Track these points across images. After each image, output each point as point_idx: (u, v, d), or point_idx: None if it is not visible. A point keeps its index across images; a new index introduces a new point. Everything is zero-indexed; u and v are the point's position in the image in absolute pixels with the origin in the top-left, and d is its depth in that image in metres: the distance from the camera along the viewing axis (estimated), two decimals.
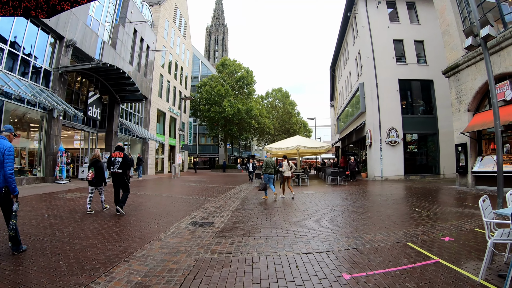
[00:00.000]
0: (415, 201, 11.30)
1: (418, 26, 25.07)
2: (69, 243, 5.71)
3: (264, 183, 12.45)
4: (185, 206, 10.65)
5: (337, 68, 43.09)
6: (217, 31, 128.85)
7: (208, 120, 47.02)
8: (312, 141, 26.65)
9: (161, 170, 36.22)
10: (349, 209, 9.73)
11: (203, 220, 8.12)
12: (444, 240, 6.01)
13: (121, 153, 8.90)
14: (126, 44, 26.44)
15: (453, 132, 23.08)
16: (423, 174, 23.39)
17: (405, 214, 8.71)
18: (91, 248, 5.42)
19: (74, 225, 7.19)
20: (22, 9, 2.90)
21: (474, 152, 15.37)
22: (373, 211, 9.55)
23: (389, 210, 9.60)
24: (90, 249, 5.37)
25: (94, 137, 23.45)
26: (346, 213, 9.05)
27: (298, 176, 19.78)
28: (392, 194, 13.68)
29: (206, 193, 14.88)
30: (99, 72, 20.69)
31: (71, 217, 8.02)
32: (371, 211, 9.58)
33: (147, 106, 31.66)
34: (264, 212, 9.48)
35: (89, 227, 7.04)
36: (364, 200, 12.25)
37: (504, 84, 13.11)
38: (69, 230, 6.64)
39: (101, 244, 5.71)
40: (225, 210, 9.69)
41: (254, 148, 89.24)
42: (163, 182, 22.13)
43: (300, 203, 11.22)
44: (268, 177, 12.64)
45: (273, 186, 12.93)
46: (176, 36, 41.23)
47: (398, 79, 23.90)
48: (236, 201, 11.96)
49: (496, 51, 13.15)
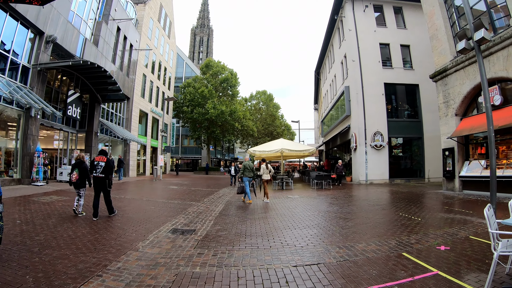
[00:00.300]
0: (404, 206, 11.02)
1: (405, 31, 25.12)
2: (39, 253, 5.18)
3: (241, 186, 12.41)
4: (166, 211, 10.09)
5: (322, 71, 43.03)
6: (202, 33, 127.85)
7: (191, 121, 46.23)
8: (297, 144, 26.37)
9: (143, 172, 35.36)
10: (337, 215, 9.35)
11: (184, 227, 7.60)
12: (440, 249, 5.70)
13: (105, 157, 8.77)
14: (109, 42, 25.64)
15: (438, 136, 23.06)
16: (408, 178, 23.34)
17: (396, 221, 8.38)
18: (62, 260, 4.89)
19: (47, 232, 6.61)
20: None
21: (461, 157, 15.28)
22: (362, 217, 9.18)
23: (379, 216, 9.27)
24: (61, 261, 4.84)
25: (73, 137, 22.54)
26: (334, 220, 8.66)
27: (282, 179, 19.40)
28: (379, 199, 13.41)
29: (188, 197, 14.32)
30: (79, 70, 19.91)
31: (44, 223, 7.41)
32: (360, 217, 9.23)
33: (129, 106, 30.82)
34: (248, 218, 9.01)
35: (62, 234, 6.45)
36: (351, 205, 11.90)
37: (493, 89, 13.03)
38: (40, 239, 6.07)
39: (74, 255, 5.17)
40: (208, 216, 9.19)
41: (237, 151, 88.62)
42: (144, 185, 21.42)
43: (285, 209, 10.80)
44: (247, 180, 12.55)
45: (249, 193, 12.68)
46: (160, 36, 40.47)
47: (384, 83, 23.83)
48: (219, 206, 11.46)
49: (486, 56, 13.06)
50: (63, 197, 12.53)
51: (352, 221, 8.42)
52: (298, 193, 16.27)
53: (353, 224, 8.07)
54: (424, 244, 6.07)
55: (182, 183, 24.15)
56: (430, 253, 5.46)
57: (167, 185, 21.73)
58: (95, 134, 23.16)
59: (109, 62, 25.40)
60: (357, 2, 24.76)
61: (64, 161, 21.08)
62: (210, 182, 25.66)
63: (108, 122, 26.57)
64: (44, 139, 22.06)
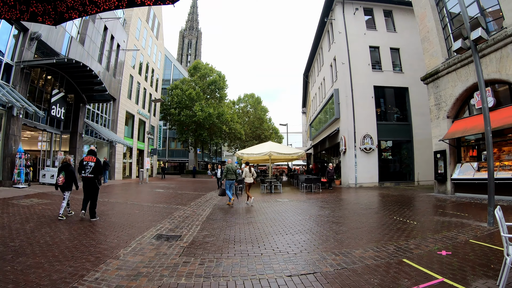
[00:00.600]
0: (397, 210, 10.72)
1: (395, 34, 25.08)
2: (11, 261, 4.70)
3: (223, 189, 12.77)
4: (151, 215, 9.58)
5: (310, 74, 42.90)
6: (190, 35, 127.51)
7: (178, 124, 45.47)
8: (285, 147, 26.06)
9: (129, 175, 34.54)
10: (329, 220, 8.97)
11: (169, 232, 7.13)
12: (442, 254, 5.39)
13: (94, 157, 8.68)
14: (96, 41, 24.95)
15: (428, 139, 22.99)
16: (397, 181, 23.19)
17: (391, 225, 8.04)
18: (36, 269, 4.41)
19: (23, 237, 6.11)
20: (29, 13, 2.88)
21: (453, 159, 15.13)
22: (356, 221, 8.82)
23: (373, 220, 8.95)
24: (34, 270, 4.37)
25: (58, 138, 21.76)
26: (327, 224, 8.28)
27: (271, 183, 19.02)
28: (371, 202, 13.11)
29: (174, 201, 13.79)
30: (64, 69, 19.19)
31: (21, 228, 6.89)
32: (353, 221, 8.86)
33: (115, 107, 30.04)
34: (237, 223, 8.56)
35: (39, 240, 5.94)
36: (343, 209, 11.54)
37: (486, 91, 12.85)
38: (15, 245, 5.58)
39: (49, 263, 4.68)
40: (194, 221, 8.72)
41: (224, 154, 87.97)
42: (129, 188, 20.77)
43: (275, 213, 10.40)
44: (230, 183, 12.71)
45: (230, 193, 12.75)
46: (148, 37, 39.77)
47: (374, 86, 23.70)
48: (206, 210, 10.99)
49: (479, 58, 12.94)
50: (45, 200, 11.95)
51: (345, 226, 8.07)
52: (287, 197, 15.89)
53: (347, 228, 7.71)
54: (424, 249, 5.75)
55: (168, 186, 23.55)
56: (432, 259, 5.13)
57: (153, 188, 21.14)
58: (79, 135, 22.43)
59: (95, 62, 24.70)
60: (347, 5, 24.63)
61: (47, 162, 20.33)
62: (197, 186, 25.09)
63: (93, 123, 25.82)
64: (27, 140, 21.29)
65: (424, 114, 23.50)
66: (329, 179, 20.86)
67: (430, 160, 23.24)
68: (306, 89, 49.92)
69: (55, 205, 10.07)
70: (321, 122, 32.91)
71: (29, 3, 2.82)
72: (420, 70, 24.19)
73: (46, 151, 20.93)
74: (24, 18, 2.89)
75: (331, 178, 20.96)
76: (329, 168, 21.24)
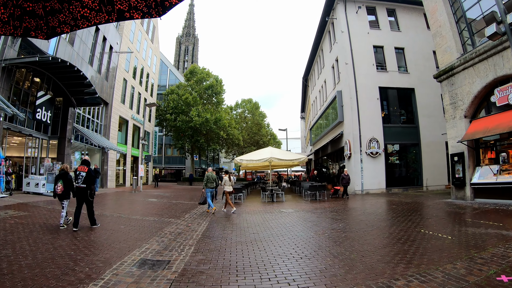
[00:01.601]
0: (419, 220, 9.44)
1: (399, 33, 24.01)
2: None
3: (204, 197, 12.70)
4: (138, 231, 8.26)
5: (310, 78, 41.75)
6: (187, 41, 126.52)
7: (174, 130, 44.12)
8: (286, 153, 24.65)
9: (123, 183, 33.09)
10: (347, 235, 7.64)
11: (156, 256, 5.79)
12: (503, 280, 4.18)
13: (86, 167, 8.66)
14: (86, 42, 23.72)
15: (436, 142, 22.14)
16: (405, 187, 21.91)
17: (423, 241, 6.73)
18: None
19: None
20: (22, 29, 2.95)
21: (472, 162, 13.88)
22: (379, 237, 7.49)
23: (398, 235, 7.52)
24: None
25: (45, 144, 20.44)
26: (347, 242, 6.95)
27: (272, 191, 17.71)
28: (386, 212, 11.77)
29: (166, 213, 12.48)
30: (51, 70, 17.98)
31: None
32: (376, 237, 7.53)
33: (107, 112, 28.69)
34: (238, 241, 7.19)
35: None
36: (358, 221, 10.19)
37: (508, 87, 11.75)
38: None
39: None
40: (188, 239, 7.37)
41: (222, 161, 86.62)
42: (120, 198, 19.36)
43: (282, 227, 9.05)
44: (210, 191, 12.80)
45: (211, 202, 12.79)
46: (143, 40, 38.57)
47: (379, 87, 22.52)
48: (202, 224, 9.59)
49: (499, 51, 11.88)
50: (23, 212, 10.66)
51: (369, 244, 6.71)
52: (291, 206, 14.56)
53: (373, 248, 6.35)
54: (478, 274, 4.49)
55: (163, 195, 22.16)
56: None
57: (146, 197, 19.79)
58: (68, 141, 21.08)
59: (86, 64, 23.41)
60: (350, 3, 23.53)
61: (32, 170, 18.99)
62: (194, 194, 23.59)
63: (83, 129, 24.45)
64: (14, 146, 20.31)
65: (431, 115, 22.44)
66: (345, 186, 18.43)
67: (438, 164, 22.18)
68: (305, 93, 48.81)
69: (31, 219, 9.07)
70: (323, 127, 31.68)
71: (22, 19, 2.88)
72: (426, 71, 23.24)
73: (31, 157, 19.62)
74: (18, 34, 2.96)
75: (346, 185, 18.48)
76: (343, 173, 18.81)
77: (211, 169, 13.74)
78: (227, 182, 13.13)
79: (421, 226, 8.50)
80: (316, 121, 35.90)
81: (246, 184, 24.51)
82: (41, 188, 16.99)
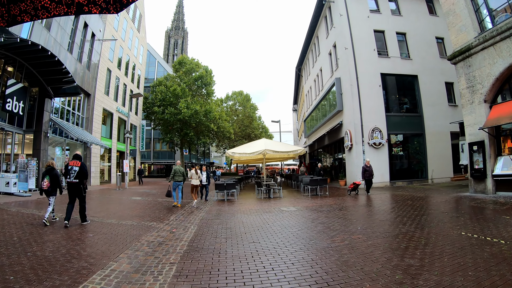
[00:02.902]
0: (450, 219, 7.90)
1: (400, 18, 22.54)
2: None
3: (169, 191, 12.97)
4: (107, 242, 6.54)
5: (303, 67, 40.08)
6: (176, 35, 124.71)
7: (162, 123, 41.99)
8: (282, 144, 22.90)
9: (108, 179, 30.97)
10: (376, 245, 5.96)
11: (121, 284, 4.15)
12: None
13: (79, 162, 8.50)
14: (65, 27, 21.52)
15: (441, 132, 20.79)
16: (409, 179, 20.52)
17: (474, 247, 5.19)
18: None
19: None
20: None
21: (493, 152, 12.38)
22: (420, 247, 5.73)
23: (441, 242, 5.87)
24: None
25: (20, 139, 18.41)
26: (380, 254, 5.32)
27: (269, 186, 16.10)
28: (403, 210, 10.03)
29: (149, 214, 10.77)
30: (22, 55, 15.96)
31: None
32: (411, 242, 5.91)
33: (90, 104, 26.50)
34: (235, 255, 5.51)
35: None
36: (377, 221, 8.55)
37: None
38: None
39: None
40: (170, 252, 5.68)
41: (212, 155, 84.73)
42: (101, 196, 17.48)
43: (287, 231, 7.40)
44: (177, 185, 12.94)
45: (181, 195, 13.21)
46: (129, 28, 36.23)
47: (381, 73, 21.00)
48: (189, 230, 7.84)
49: None
50: None
51: (410, 256, 5.07)
52: (291, 204, 12.93)
53: (418, 262, 4.72)
54: None
55: (149, 192, 20.35)
56: None
57: (130, 195, 18.01)
58: (44, 134, 19.06)
59: (64, 50, 21.27)
60: None
61: (3, 167, 17.08)
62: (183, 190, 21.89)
63: (62, 121, 22.33)
64: None
65: (436, 104, 21.08)
66: (367, 180, 15.74)
67: (443, 155, 20.80)
68: (298, 84, 47.17)
69: None
70: (319, 117, 30.08)
71: None
72: (429, 57, 21.86)
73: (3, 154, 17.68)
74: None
75: (370, 179, 15.83)
76: (365, 164, 16.01)
77: (179, 163, 13.97)
78: (194, 176, 13.69)
79: (458, 227, 6.97)
80: (311, 112, 34.29)
81: (239, 179, 22.90)
82: (12, 188, 15.16)
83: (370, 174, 15.68)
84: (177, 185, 12.91)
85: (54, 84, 19.02)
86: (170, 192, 12.93)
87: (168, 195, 13.00)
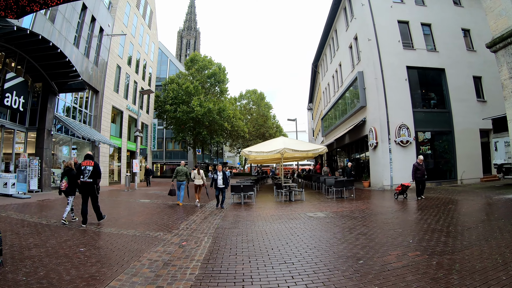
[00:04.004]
0: None
1: (424, 8, 21.09)
2: None
3: (172, 189, 13.36)
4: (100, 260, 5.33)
5: (320, 64, 38.57)
6: (189, 35, 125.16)
7: (174, 121, 41.03)
8: (302, 143, 21.57)
9: (118, 180, 30.04)
10: (433, 263, 4.71)
11: None
12: None
13: (92, 161, 8.62)
14: (71, 20, 20.52)
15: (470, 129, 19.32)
16: (438, 180, 18.98)
17: None
18: None
19: None
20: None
21: None
22: (491, 261, 4.44)
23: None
24: None
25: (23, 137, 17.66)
26: (442, 275, 4.08)
27: (290, 188, 14.80)
28: (446, 214, 8.61)
29: (156, 221, 9.51)
30: (22, 47, 15.06)
31: None
32: (486, 261, 4.55)
33: (98, 101, 25.58)
34: (264, 284, 4.26)
35: None
36: (425, 230, 7.17)
37: None
38: None
39: None
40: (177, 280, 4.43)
41: (226, 155, 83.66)
42: (107, 199, 16.32)
43: (323, 245, 6.14)
44: (179, 185, 13.29)
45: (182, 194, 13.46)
46: (139, 24, 35.28)
47: (406, 66, 19.56)
48: (202, 243, 6.58)
49: None
50: None
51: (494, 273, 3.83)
52: (317, 208, 11.60)
53: None
54: None
55: (159, 194, 19.15)
56: None
57: (138, 197, 16.90)
58: (48, 132, 18.11)
59: (70, 44, 20.30)
60: None
61: (1, 167, 16.12)
62: None
63: (68, 119, 21.34)
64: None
65: (464, 100, 19.55)
66: (420, 180, 13.24)
67: (472, 154, 19.15)
68: (314, 81, 45.66)
69: None
70: (338, 115, 28.65)
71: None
72: (456, 49, 20.32)
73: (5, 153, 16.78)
74: None
75: (421, 179, 13.24)
76: (418, 162, 13.52)
77: (183, 163, 14.43)
78: (196, 176, 13.72)
79: None
80: (329, 109, 32.84)
81: (256, 180, 21.67)
82: (10, 189, 14.18)
83: (422, 174, 13.18)
84: (179, 184, 13.33)
85: (59, 79, 18.19)
86: (172, 191, 13.41)
87: (170, 193, 13.49)
